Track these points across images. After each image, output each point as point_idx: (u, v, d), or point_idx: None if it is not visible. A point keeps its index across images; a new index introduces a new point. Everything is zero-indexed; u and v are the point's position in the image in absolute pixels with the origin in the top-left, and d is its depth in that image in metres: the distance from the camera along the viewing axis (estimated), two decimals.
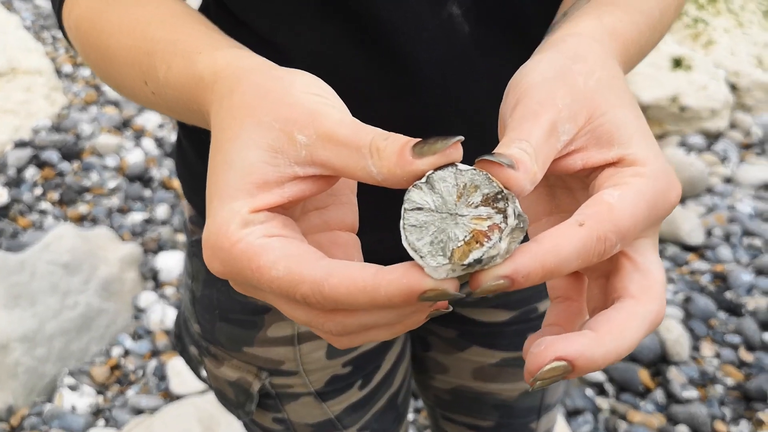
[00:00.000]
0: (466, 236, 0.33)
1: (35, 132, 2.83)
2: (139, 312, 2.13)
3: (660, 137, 2.93)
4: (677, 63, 3.08)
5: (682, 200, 2.58)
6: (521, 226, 0.34)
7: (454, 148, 0.34)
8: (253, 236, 0.36)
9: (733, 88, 3.14)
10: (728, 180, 2.72)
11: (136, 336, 2.07)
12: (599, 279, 0.42)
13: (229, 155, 0.38)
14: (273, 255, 0.35)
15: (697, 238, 2.35)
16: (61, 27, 0.58)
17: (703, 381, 1.90)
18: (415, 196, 0.34)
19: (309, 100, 0.38)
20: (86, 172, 2.65)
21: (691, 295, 2.13)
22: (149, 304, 2.15)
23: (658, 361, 1.94)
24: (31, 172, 2.63)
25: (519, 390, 0.82)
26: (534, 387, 0.35)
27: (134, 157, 2.72)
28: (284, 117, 0.38)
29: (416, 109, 0.58)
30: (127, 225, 2.42)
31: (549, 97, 0.38)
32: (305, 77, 0.40)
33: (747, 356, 1.96)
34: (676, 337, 1.95)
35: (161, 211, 2.49)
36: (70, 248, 2.06)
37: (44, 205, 2.51)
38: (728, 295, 2.15)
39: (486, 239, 0.33)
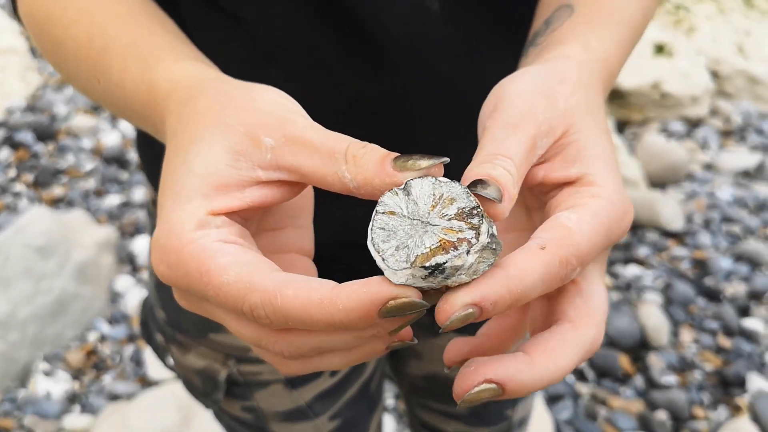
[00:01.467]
0: (433, 244, 0.32)
1: (9, 112, 2.77)
2: (115, 296, 2.10)
3: (641, 123, 2.93)
4: (659, 49, 3.08)
5: (663, 186, 2.59)
6: (493, 247, 0.33)
7: (438, 168, 0.34)
8: (207, 239, 0.34)
9: (714, 75, 3.14)
10: (708, 167, 2.72)
11: (113, 321, 2.04)
12: (541, 300, 0.41)
13: (188, 157, 0.36)
14: (225, 260, 0.33)
15: (677, 224, 2.35)
16: (16, 13, 0.55)
17: (682, 367, 1.91)
18: (389, 201, 0.33)
19: (278, 106, 0.37)
20: (62, 154, 2.61)
21: (670, 281, 2.14)
22: (126, 288, 2.12)
23: (638, 346, 1.95)
24: (4, 154, 2.58)
25: None
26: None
27: (111, 139, 2.68)
28: (250, 121, 0.36)
29: (385, 86, 0.56)
30: (104, 208, 2.39)
31: (530, 108, 0.38)
32: (271, 89, 0.39)
33: (725, 342, 1.97)
34: (656, 322, 1.96)
35: (138, 194, 2.45)
36: (45, 231, 2.02)
37: (18, 187, 2.47)
38: (707, 281, 2.16)
39: (453, 249, 0.31)
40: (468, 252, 0.31)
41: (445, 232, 0.32)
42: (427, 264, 0.31)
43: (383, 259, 0.32)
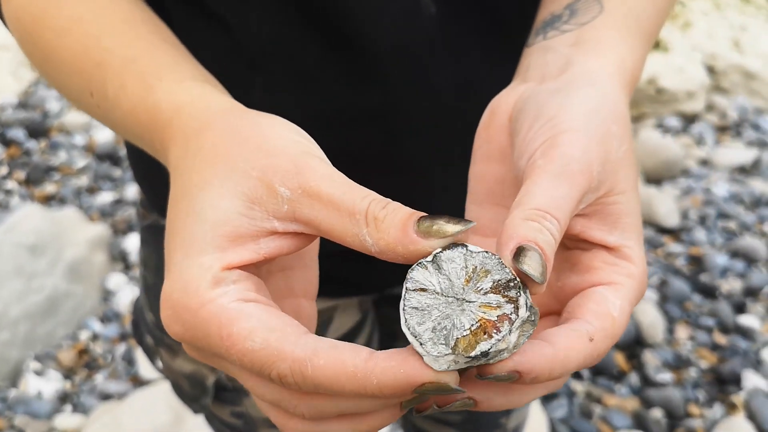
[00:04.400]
0: (473, 325, 0.30)
1: (1, 109, 2.75)
2: (108, 294, 2.09)
3: (637, 119, 2.92)
4: (655, 44, 3.07)
5: (659, 182, 2.58)
6: (532, 319, 0.32)
7: (465, 234, 0.32)
8: (226, 298, 0.32)
9: (710, 70, 3.13)
10: (704, 162, 2.72)
11: (105, 319, 2.02)
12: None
13: (197, 203, 0.34)
14: (249, 323, 0.31)
15: (672, 220, 2.34)
16: (0, 16, 0.52)
17: (678, 364, 1.90)
18: (419, 276, 0.31)
19: (292, 149, 0.35)
20: (54, 151, 2.59)
21: (666, 278, 2.13)
22: (118, 286, 2.10)
23: (634, 344, 1.94)
24: None
25: None
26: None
27: (103, 136, 2.66)
28: (264, 166, 0.34)
29: (376, 97, 0.54)
30: (96, 205, 2.37)
31: (587, 159, 0.37)
32: (284, 123, 0.37)
33: (721, 339, 1.97)
34: (651, 320, 1.95)
35: (131, 191, 2.43)
36: (36, 229, 2.00)
37: (10, 184, 2.45)
38: (703, 277, 2.15)
39: (495, 331, 0.30)
40: (510, 331, 0.31)
41: (483, 310, 0.31)
42: (473, 353, 0.30)
43: (421, 344, 0.30)
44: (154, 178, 0.63)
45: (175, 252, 0.34)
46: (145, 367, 1.86)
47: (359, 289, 0.66)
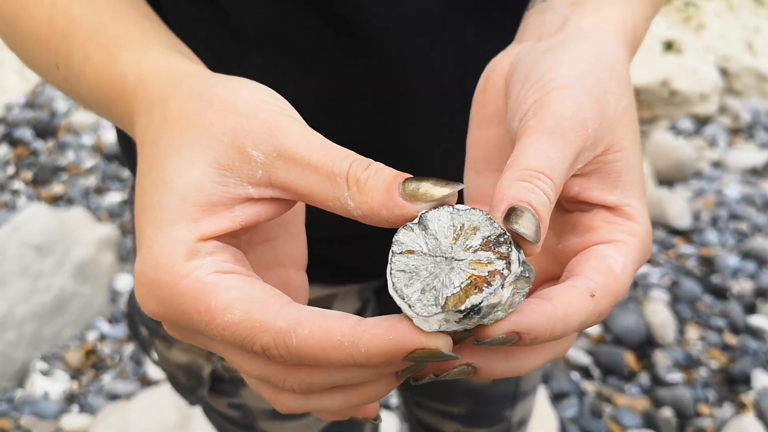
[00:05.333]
0: (463, 282, 0.29)
1: (8, 109, 2.76)
2: (116, 295, 2.09)
3: (650, 121, 2.90)
4: (668, 46, 3.05)
5: (671, 184, 2.56)
6: (527, 275, 0.30)
7: (453, 197, 0.30)
8: (202, 271, 0.31)
9: (723, 72, 3.11)
10: (716, 164, 2.70)
11: (113, 320, 2.02)
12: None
13: (165, 173, 0.32)
14: (228, 295, 0.30)
15: (684, 221, 2.32)
16: None
17: (688, 364, 1.88)
18: (404, 238, 0.30)
19: (262, 108, 0.33)
20: (61, 151, 2.60)
21: (677, 279, 2.11)
22: (127, 286, 2.10)
23: (644, 344, 1.93)
24: (3, 151, 2.57)
25: None
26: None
27: (112, 136, 2.67)
28: (234, 128, 0.32)
29: (373, 81, 0.53)
30: (104, 206, 2.37)
31: (581, 116, 0.35)
32: (252, 84, 0.35)
33: (731, 339, 1.95)
34: (662, 320, 1.93)
35: None
36: (43, 229, 2.00)
37: (17, 184, 2.45)
38: (714, 278, 2.14)
39: (486, 285, 0.28)
40: (502, 286, 0.29)
41: (473, 266, 0.29)
42: (462, 307, 0.28)
43: (410, 306, 0.29)
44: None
45: (146, 227, 0.32)
46: (152, 367, 1.86)
47: (357, 274, 0.65)
